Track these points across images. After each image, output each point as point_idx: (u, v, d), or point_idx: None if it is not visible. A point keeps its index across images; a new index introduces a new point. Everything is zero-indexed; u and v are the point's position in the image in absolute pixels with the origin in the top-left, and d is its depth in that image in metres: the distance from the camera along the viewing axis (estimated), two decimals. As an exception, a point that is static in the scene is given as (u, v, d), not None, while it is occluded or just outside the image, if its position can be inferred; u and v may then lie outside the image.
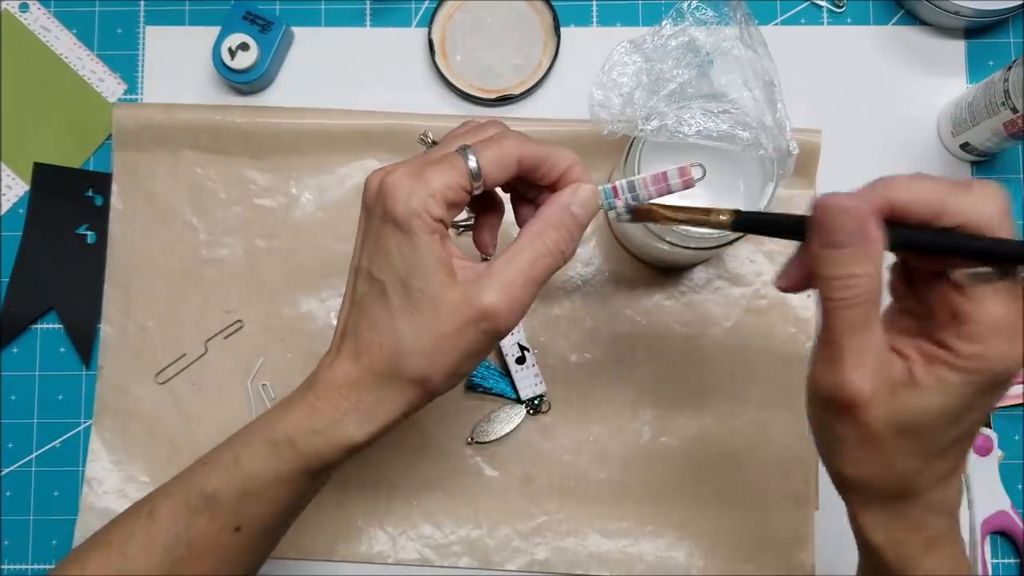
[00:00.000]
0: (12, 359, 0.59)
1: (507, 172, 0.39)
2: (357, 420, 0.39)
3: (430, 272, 0.37)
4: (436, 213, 0.37)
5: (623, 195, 0.40)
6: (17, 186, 0.60)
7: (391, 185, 0.37)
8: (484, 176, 0.38)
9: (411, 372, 0.38)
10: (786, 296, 0.58)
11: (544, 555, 0.57)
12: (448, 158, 0.38)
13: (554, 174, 0.40)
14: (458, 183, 0.37)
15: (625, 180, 0.40)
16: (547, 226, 0.38)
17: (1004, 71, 0.53)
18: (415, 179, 0.37)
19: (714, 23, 0.48)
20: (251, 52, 0.58)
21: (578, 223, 0.39)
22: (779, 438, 0.57)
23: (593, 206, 0.40)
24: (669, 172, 0.40)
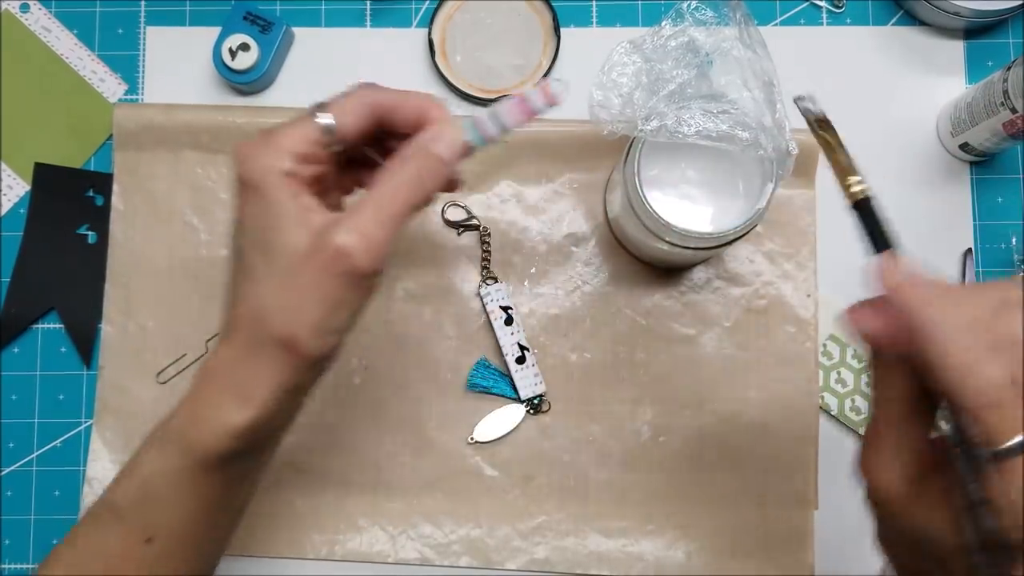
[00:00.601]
0: (13, 359, 0.60)
1: (361, 120, 0.38)
2: (235, 401, 0.37)
3: (283, 226, 0.36)
4: (284, 167, 0.37)
5: (489, 124, 0.39)
6: (18, 186, 0.61)
7: (241, 150, 0.37)
8: (339, 126, 0.37)
9: (275, 332, 0.36)
10: (786, 296, 0.58)
11: (544, 554, 0.57)
12: (299, 119, 0.38)
13: (413, 116, 0.39)
14: (305, 136, 0.37)
15: (488, 109, 0.39)
16: (402, 161, 0.37)
17: (1003, 71, 0.53)
18: (263, 141, 0.37)
19: (714, 23, 0.48)
20: (251, 52, 0.58)
21: (440, 159, 0.38)
22: (779, 438, 0.57)
23: (455, 141, 0.38)
24: (528, 92, 0.39)
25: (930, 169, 0.60)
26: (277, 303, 0.36)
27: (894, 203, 0.60)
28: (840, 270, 0.59)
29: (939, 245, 0.60)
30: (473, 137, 0.39)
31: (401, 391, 0.58)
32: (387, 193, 0.37)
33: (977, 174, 0.60)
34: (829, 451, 0.58)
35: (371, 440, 0.58)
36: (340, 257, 0.35)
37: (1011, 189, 0.60)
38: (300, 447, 0.57)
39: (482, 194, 0.59)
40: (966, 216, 0.60)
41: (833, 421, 0.58)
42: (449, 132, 0.38)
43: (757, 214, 0.48)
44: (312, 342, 0.36)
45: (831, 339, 0.58)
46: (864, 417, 0.58)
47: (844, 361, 0.58)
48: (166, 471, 0.38)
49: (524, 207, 0.59)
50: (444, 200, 0.59)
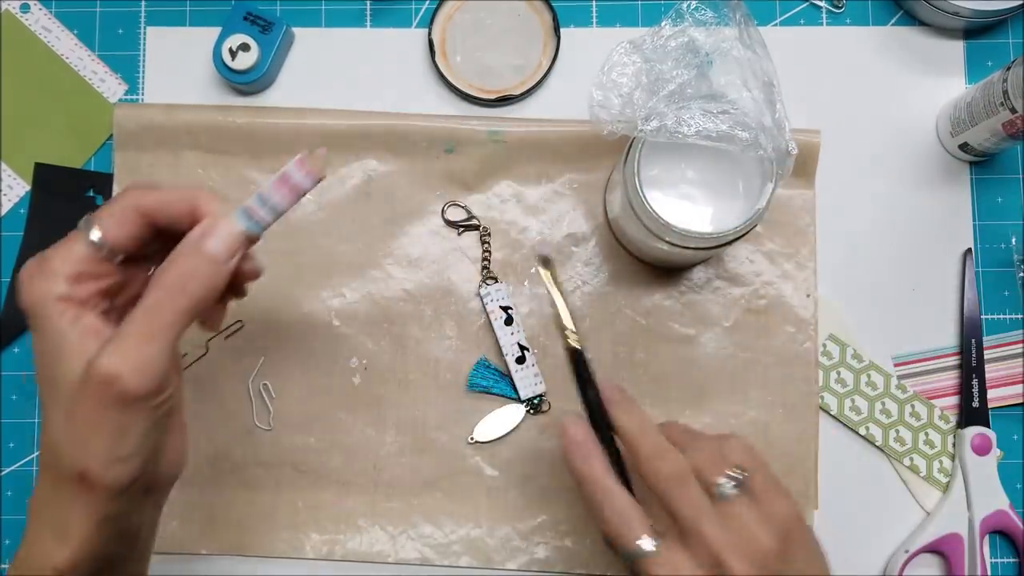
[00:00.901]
0: (13, 359, 0.60)
1: (132, 227, 0.37)
2: (54, 539, 0.36)
3: (62, 356, 0.35)
4: (58, 292, 0.35)
5: (261, 209, 0.37)
6: (18, 186, 0.61)
7: (19, 279, 0.36)
8: (108, 239, 0.36)
9: (68, 468, 0.35)
10: (785, 296, 0.58)
11: (544, 554, 0.57)
12: (68, 239, 0.37)
13: (184, 213, 0.37)
14: (76, 254, 0.36)
15: (255, 194, 0.37)
16: (167, 266, 0.36)
17: (1003, 71, 0.53)
18: (37, 265, 0.36)
19: (713, 24, 0.48)
20: (252, 53, 0.58)
21: (211, 257, 0.36)
22: (779, 438, 0.57)
23: (228, 234, 0.36)
24: (289, 169, 0.37)
25: (930, 169, 0.60)
26: (65, 437, 0.35)
27: (894, 203, 0.60)
28: (840, 270, 0.59)
29: (939, 245, 0.60)
30: (249, 225, 0.37)
31: (401, 391, 0.58)
32: (152, 305, 0.35)
33: (977, 174, 0.60)
34: (829, 451, 0.58)
35: (371, 440, 0.58)
36: (108, 384, 0.34)
37: (1011, 189, 0.60)
38: (300, 447, 0.57)
39: (482, 194, 0.59)
40: (966, 216, 0.60)
41: (833, 421, 0.58)
42: (220, 225, 0.36)
43: (757, 214, 0.48)
44: (105, 474, 0.35)
45: (831, 339, 0.58)
46: (864, 417, 0.58)
47: (844, 361, 0.58)
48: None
49: (524, 207, 0.59)
50: (444, 200, 0.59)
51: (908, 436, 0.58)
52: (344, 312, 0.58)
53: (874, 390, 0.58)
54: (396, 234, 0.59)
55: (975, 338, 0.58)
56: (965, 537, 0.57)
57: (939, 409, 0.58)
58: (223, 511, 0.57)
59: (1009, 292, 0.60)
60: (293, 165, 0.37)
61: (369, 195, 0.59)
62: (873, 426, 0.58)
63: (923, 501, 0.58)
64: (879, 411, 0.58)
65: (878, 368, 0.58)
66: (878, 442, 0.58)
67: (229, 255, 0.36)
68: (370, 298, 0.59)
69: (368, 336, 0.58)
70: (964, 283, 0.59)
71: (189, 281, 0.35)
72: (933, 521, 0.57)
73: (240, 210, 0.37)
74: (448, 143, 0.59)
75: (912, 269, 0.59)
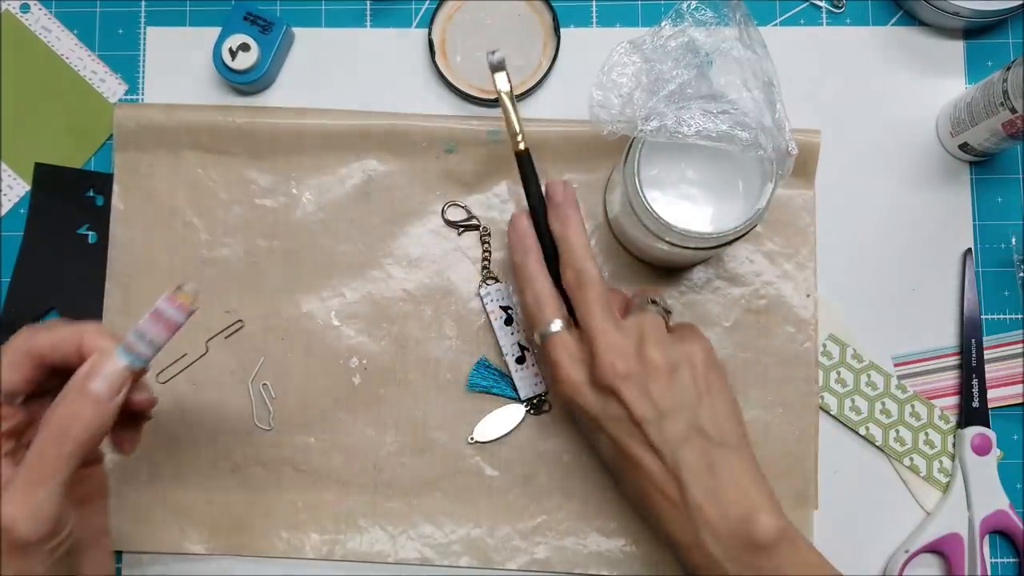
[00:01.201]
0: (13, 359, 0.60)
1: (24, 371, 0.37)
2: None
3: None
4: None
5: (139, 344, 0.38)
6: (18, 186, 0.61)
7: None
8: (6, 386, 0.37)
9: None
10: (785, 296, 0.58)
11: (544, 554, 0.57)
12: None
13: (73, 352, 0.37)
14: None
15: (132, 330, 0.38)
16: (56, 416, 0.36)
17: (1003, 71, 0.53)
18: None
19: (713, 24, 0.48)
20: (252, 53, 0.58)
21: (93, 396, 0.36)
22: (779, 438, 0.57)
23: (110, 373, 0.37)
24: (160, 305, 0.37)
25: (930, 169, 0.60)
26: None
27: (894, 203, 0.60)
28: (840, 270, 0.59)
29: (939, 245, 0.60)
30: (132, 360, 0.38)
31: (401, 391, 0.58)
32: (38, 451, 0.35)
33: (977, 174, 0.60)
34: (829, 451, 0.58)
35: (371, 440, 0.58)
36: (5, 531, 0.34)
37: (1011, 189, 0.60)
38: (300, 447, 0.57)
39: (482, 194, 0.59)
40: (966, 216, 0.60)
41: (833, 421, 0.58)
42: (103, 364, 0.37)
43: (757, 214, 0.48)
44: None
45: (831, 339, 0.58)
46: (864, 417, 0.58)
47: (844, 361, 0.58)
48: None
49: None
50: (444, 200, 0.59)
51: (908, 436, 0.58)
52: (344, 312, 0.58)
53: (874, 390, 0.58)
54: (396, 234, 0.59)
55: (975, 338, 0.58)
56: (965, 537, 0.57)
57: (939, 409, 0.58)
58: (223, 511, 0.57)
59: (1009, 292, 0.60)
60: (164, 301, 0.37)
61: (369, 195, 0.59)
62: (873, 426, 0.58)
63: (923, 501, 0.58)
64: (879, 411, 0.58)
65: (878, 368, 0.58)
66: (878, 442, 0.58)
67: (113, 393, 0.37)
68: (370, 298, 0.59)
69: (368, 336, 0.58)
70: (964, 283, 0.59)
71: (74, 424, 0.35)
72: (933, 521, 0.57)
73: (120, 347, 0.37)
74: (448, 143, 0.59)
75: (912, 269, 0.59)
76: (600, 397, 0.47)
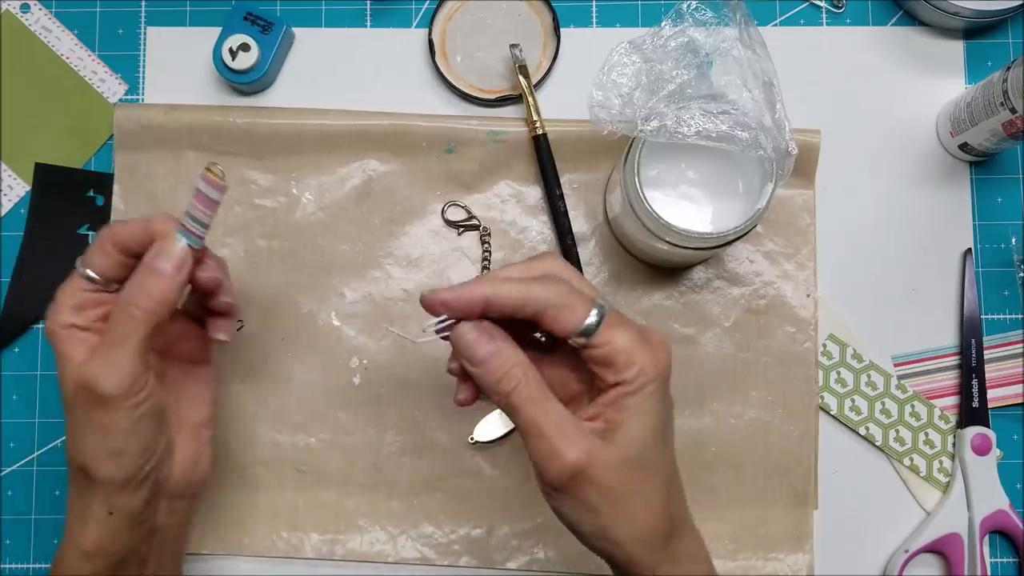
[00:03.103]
0: (14, 359, 0.60)
1: (109, 257, 0.42)
2: (79, 525, 0.42)
3: (65, 372, 0.41)
4: (64, 320, 0.41)
5: (191, 224, 0.42)
6: (18, 186, 0.61)
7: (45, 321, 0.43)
8: (96, 271, 0.42)
9: (73, 464, 0.42)
10: (785, 296, 0.58)
11: (544, 554, 0.57)
12: (69, 277, 0.43)
13: (144, 238, 0.42)
14: (74, 287, 0.42)
15: (184, 214, 0.42)
16: (129, 291, 0.41)
17: (1003, 71, 0.53)
18: (51, 306, 0.42)
19: (713, 24, 0.48)
20: (252, 53, 0.58)
21: (161, 272, 0.41)
22: (779, 438, 0.57)
23: (172, 251, 0.41)
24: (199, 186, 0.41)
25: (930, 169, 0.60)
26: (69, 438, 0.42)
27: (894, 203, 0.60)
28: (840, 270, 0.59)
29: (939, 245, 0.60)
30: (188, 240, 0.42)
31: (401, 391, 0.58)
32: (119, 316, 0.41)
33: (977, 174, 0.60)
34: (829, 451, 0.58)
35: (371, 440, 0.58)
36: (87, 388, 0.40)
37: (1011, 189, 0.60)
38: (300, 447, 0.58)
39: (482, 194, 0.59)
40: (966, 216, 0.60)
41: (833, 421, 0.58)
42: (165, 244, 0.42)
43: (757, 214, 0.48)
44: (98, 467, 0.41)
45: (831, 339, 0.58)
46: (864, 417, 0.58)
47: (844, 361, 0.58)
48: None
49: (524, 207, 0.59)
50: (444, 200, 0.59)
51: (908, 436, 0.58)
52: (344, 312, 0.58)
53: (874, 390, 0.58)
54: (396, 234, 0.59)
55: (975, 338, 0.58)
56: (965, 537, 0.57)
57: (939, 409, 0.58)
58: (223, 511, 0.57)
59: (1009, 292, 0.60)
60: (201, 181, 0.41)
61: (369, 195, 0.59)
62: (873, 426, 0.58)
63: (923, 501, 0.58)
64: (879, 411, 0.58)
65: (878, 368, 0.58)
66: (878, 442, 0.58)
67: (176, 269, 0.41)
68: (370, 298, 0.59)
69: (368, 336, 0.58)
70: (964, 283, 0.59)
71: (142, 295, 0.41)
72: (933, 521, 0.57)
73: (177, 229, 0.42)
74: (448, 143, 0.59)
75: (912, 269, 0.59)
76: None
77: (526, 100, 0.58)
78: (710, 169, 0.50)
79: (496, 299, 0.39)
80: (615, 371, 0.38)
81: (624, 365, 0.38)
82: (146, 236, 0.42)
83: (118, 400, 0.40)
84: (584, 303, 0.39)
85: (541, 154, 0.58)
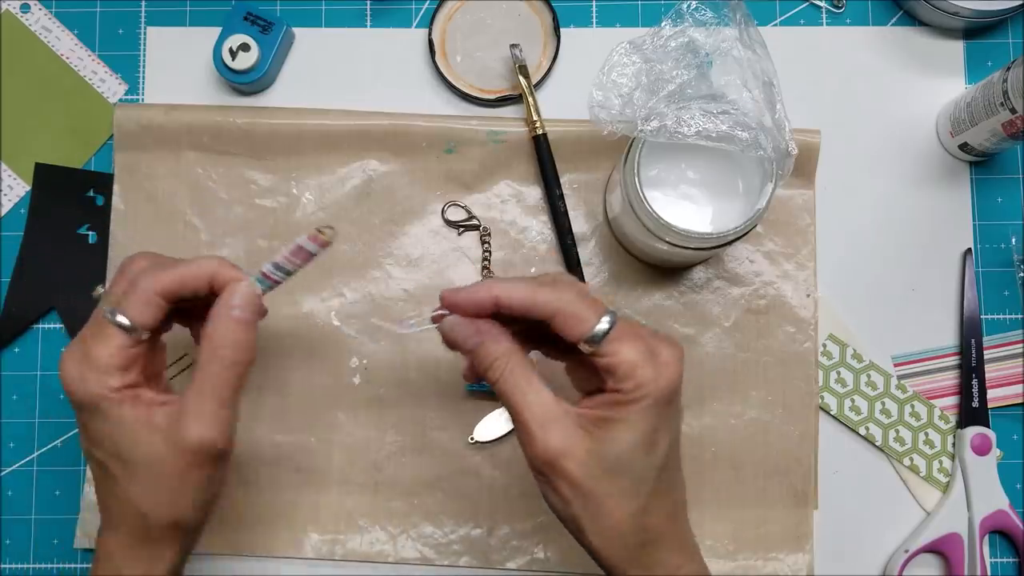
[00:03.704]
0: (13, 359, 0.60)
1: (158, 311, 0.40)
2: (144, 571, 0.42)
3: (134, 440, 0.40)
4: (115, 384, 0.39)
5: (275, 274, 0.42)
6: (18, 186, 0.61)
7: (64, 374, 0.40)
8: (140, 325, 0.40)
9: (162, 522, 0.41)
10: (785, 296, 0.58)
11: (544, 554, 0.57)
12: (101, 327, 0.40)
13: (205, 284, 0.41)
14: (119, 347, 0.40)
15: (271, 262, 0.42)
16: (217, 344, 0.40)
17: (1003, 72, 0.53)
18: (81, 361, 0.40)
19: (713, 24, 0.48)
20: (252, 53, 0.58)
21: (245, 321, 0.41)
22: (779, 438, 0.57)
23: (252, 299, 0.41)
24: (300, 242, 0.41)
25: (930, 169, 0.60)
26: (154, 503, 0.40)
27: (894, 203, 0.60)
28: (840, 270, 0.59)
29: (939, 245, 0.60)
30: (266, 287, 0.42)
31: (401, 391, 0.58)
32: (212, 368, 0.40)
33: (977, 174, 0.60)
34: (829, 451, 0.58)
35: (371, 440, 0.58)
36: (201, 450, 0.39)
37: (1011, 189, 0.60)
38: (300, 447, 0.57)
39: (482, 194, 0.59)
40: (966, 216, 0.60)
41: (833, 421, 0.58)
42: (245, 293, 0.41)
43: (757, 214, 0.48)
44: (195, 517, 0.42)
45: (831, 339, 0.58)
46: (864, 417, 0.58)
47: (844, 361, 0.58)
48: None
49: (524, 207, 0.59)
50: (444, 200, 0.59)
51: (908, 436, 0.58)
52: (344, 312, 0.58)
53: (874, 390, 0.58)
54: (396, 234, 0.59)
55: (975, 338, 0.58)
56: (965, 537, 0.57)
57: (939, 409, 0.58)
58: (223, 511, 0.57)
59: (1009, 292, 0.60)
60: (305, 239, 0.41)
61: (369, 195, 0.59)
62: (873, 426, 0.58)
63: (923, 501, 0.58)
64: (879, 411, 0.58)
65: (878, 368, 0.58)
66: (878, 442, 0.58)
67: (256, 316, 0.41)
68: (370, 298, 0.59)
69: (368, 336, 0.58)
70: (964, 283, 0.59)
71: (234, 346, 0.40)
72: (933, 521, 0.57)
73: (257, 276, 0.42)
74: (448, 143, 0.59)
75: (912, 269, 0.59)
76: None
77: (526, 100, 0.58)
78: (710, 169, 0.50)
79: (505, 298, 0.40)
80: (615, 380, 0.40)
81: (624, 377, 0.39)
82: (203, 284, 0.41)
83: (228, 452, 0.41)
84: (595, 311, 0.39)
85: (541, 154, 0.58)
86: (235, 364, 0.40)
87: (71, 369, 0.40)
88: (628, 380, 0.39)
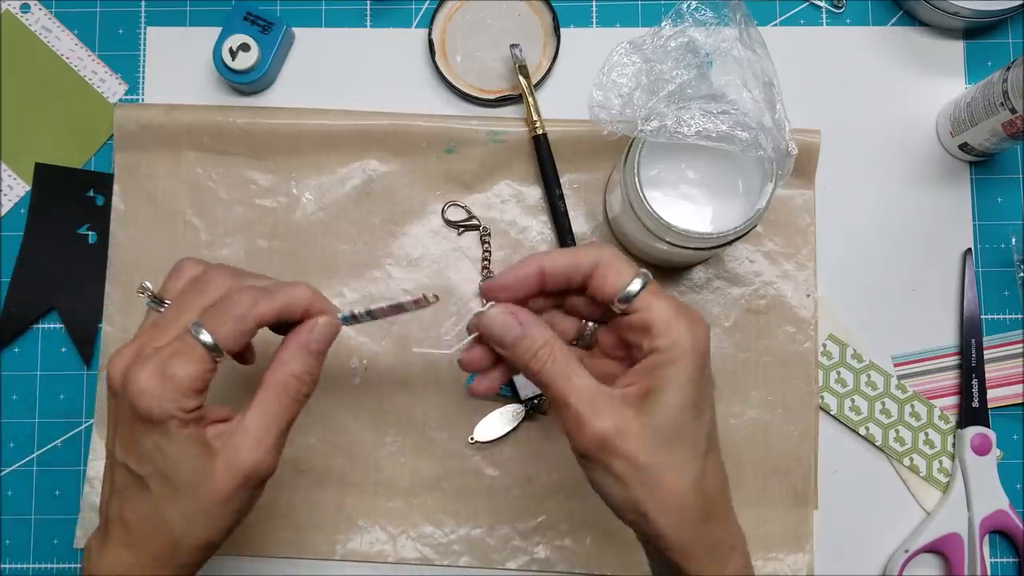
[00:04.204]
0: (13, 359, 0.60)
1: (247, 336, 0.40)
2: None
3: (189, 461, 0.39)
4: (190, 406, 0.39)
5: (363, 318, 0.42)
6: (18, 186, 0.61)
7: (139, 388, 0.38)
8: (228, 350, 0.40)
9: (195, 543, 0.40)
10: (785, 295, 0.58)
11: (544, 554, 0.57)
12: (186, 346, 0.39)
13: (297, 316, 0.42)
14: (203, 371, 0.39)
15: (367, 309, 0.42)
16: (289, 373, 0.41)
17: (1003, 71, 0.53)
18: (161, 379, 0.38)
19: (713, 24, 0.48)
20: (252, 53, 0.58)
21: (321, 355, 0.42)
22: (779, 438, 0.57)
23: (332, 336, 0.42)
24: (404, 301, 0.42)
25: (930, 169, 0.60)
26: (190, 526, 0.39)
27: (894, 203, 0.60)
28: (840, 270, 0.59)
29: (939, 245, 0.60)
30: (343, 320, 0.43)
31: (401, 391, 0.58)
32: (278, 410, 0.40)
33: (977, 174, 0.60)
34: (829, 451, 0.58)
35: (371, 440, 0.58)
36: (250, 476, 0.39)
37: (1011, 189, 0.60)
38: (300, 447, 0.57)
39: (482, 194, 0.59)
40: (966, 216, 0.60)
41: (833, 421, 0.58)
42: (328, 328, 0.42)
43: (757, 214, 0.48)
44: (223, 537, 0.41)
45: (831, 339, 0.58)
46: (864, 417, 0.58)
47: (844, 361, 0.58)
48: None
49: (524, 207, 0.59)
50: (444, 200, 0.59)
51: (908, 436, 0.58)
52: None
53: (874, 390, 0.58)
54: (396, 234, 0.59)
55: (975, 338, 0.58)
56: (965, 537, 0.57)
57: (939, 409, 0.58)
58: (223, 511, 0.57)
59: (1009, 292, 0.60)
60: (410, 301, 0.41)
61: (369, 195, 0.59)
62: (873, 426, 0.58)
63: (923, 501, 0.58)
64: (879, 411, 0.58)
65: (878, 368, 0.58)
66: (878, 442, 0.58)
67: (327, 348, 0.42)
68: (370, 298, 0.59)
69: (368, 336, 0.58)
70: (964, 283, 0.59)
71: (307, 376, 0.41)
72: (933, 521, 0.57)
73: (344, 315, 0.42)
74: (448, 143, 0.59)
75: (912, 269, 0.59)
76: None
77: (526, 100, 0.58)
78: (710, 169, 0.50)
79: (550, 266, 0.41)
80: (651, 338, 0.39)
81: (660, 332, 0.39)
82: (298, 313, 0.41)
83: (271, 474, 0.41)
84: (630, 268, 0.40)
85: (541, 154, 0.58)
86: (302, 396, 0.41)
87: (148, 383, 0.38)
88: (665, 336, 0.38)
